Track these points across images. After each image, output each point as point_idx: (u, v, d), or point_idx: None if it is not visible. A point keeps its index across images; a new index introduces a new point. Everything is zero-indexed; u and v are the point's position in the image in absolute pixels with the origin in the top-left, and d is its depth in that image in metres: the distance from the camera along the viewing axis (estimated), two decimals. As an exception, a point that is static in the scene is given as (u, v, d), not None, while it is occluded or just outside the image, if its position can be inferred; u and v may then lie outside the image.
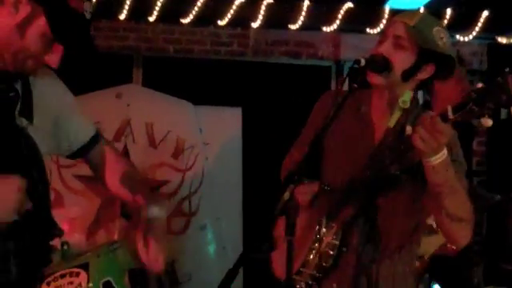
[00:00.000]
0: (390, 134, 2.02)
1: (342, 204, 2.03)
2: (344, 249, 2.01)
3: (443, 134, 1.70)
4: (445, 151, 1.77)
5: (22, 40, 1.68)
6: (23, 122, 1.75)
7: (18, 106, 1.75)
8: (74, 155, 2.02)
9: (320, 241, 2.00)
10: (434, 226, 2.51)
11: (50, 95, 1.88)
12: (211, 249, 4.42)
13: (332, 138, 2.05)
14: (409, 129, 1.75)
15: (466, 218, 1.91)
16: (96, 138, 2.04)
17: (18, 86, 1.77)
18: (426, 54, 1.97)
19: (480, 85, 1.63)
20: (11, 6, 1.66)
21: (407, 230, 2.06)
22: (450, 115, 1.66)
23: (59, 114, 1.91)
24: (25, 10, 1.67)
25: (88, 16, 1.74)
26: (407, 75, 1.99)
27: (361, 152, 2.05)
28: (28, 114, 1.77)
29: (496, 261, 3.77)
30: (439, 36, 1.97)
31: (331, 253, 2.00)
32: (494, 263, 3.73)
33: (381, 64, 1.96)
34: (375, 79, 2.00)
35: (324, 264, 2.00)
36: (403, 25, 1.98)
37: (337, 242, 1.99)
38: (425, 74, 2.01)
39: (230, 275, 1.62)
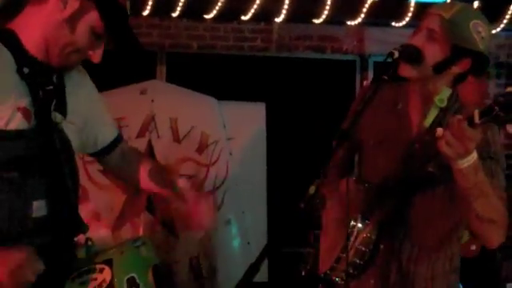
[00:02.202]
0: (427, 131, 1.96)
1: (378, 201, 1.99)
2: (381, 246, 1.99)
3: (471, 141, 1.64)
4: (474, 154, 1.71)
5: (71, 34, 1.70)
6: (57, 116, 1.76)
7: (53, 101, 1.76)
8: (95, 154, 2.05)
9: (355, 237, 1.96)
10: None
11: (82, 93, 1.90)
12: (236, 243, 4.42)
13: (369, 133, 2.03)
14: (440, 131, 1.69)
15: (497, 220, 1.85)
16: (119, 139, 2.07)
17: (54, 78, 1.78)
18: (460, 49, 1.91)
19: (510, 89, 1.56)
20: (59, 2, 1.69)
21: (445, 229, 2.02)
22: (477, 120, 1.60)
23: (90, 113, 1.93)
24: (73, 4, 1.69)
25: (128, 12, 1.79)
26: (440, 68, 1.93)
27: (398, 149, 2.01)
28: (62, 109, 1.79)
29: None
30: (476, 30, 1.91)
31: (366, 250, 1.96)
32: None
33: (413, 54, 1.91)
34: (407, 71, 1.94)
35: (358, 261, 1.97)
36: (438, 18, 1.92)
37: (373, 238, 1.96)
38: (459, 68, 1.95)
39: (254, 267, 1.61)
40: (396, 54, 1.87)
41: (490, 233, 1.89)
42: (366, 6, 4.72)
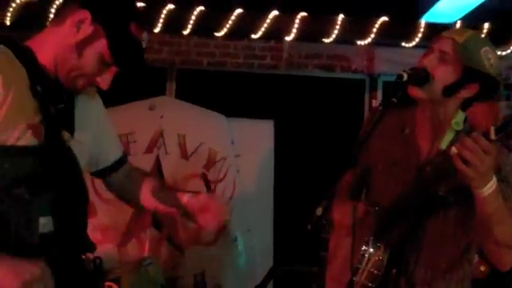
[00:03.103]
0: (438, 155, 1.97)
1: (390, 224, 1.98)
2: (394, 270, 1.97)
3: (488, 154, 1.64)
4: (494, 179, 1.72)
5: (78, 59, 1.71)
6: (65, 135, 1.77)
7: (63, 119, 1.77)
8: (96, 173, 2.07)
9: (367, 260, 1.95)
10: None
11: (91, 110, 1.91)
12: (241, 261, 4.40)
13: (378, 158, 2.04)
14: (454, 150, 1.68)
15: None
16: (122, 160, 2.08)
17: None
18: (471, 72, 1.92)
19: None
20: (73, 26, 1.71)
21: (457, 252, 2.01)
22: (493, 136, 1.61)
23: (98, 131, 1.94)
24: (86, 30, 1.70)
25: (144, 45, 1.78)
26: (449, 91, 1.94)
27: (408, 173, 2.01)
28: (70, 127, 1.80)
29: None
30: (487, 57, 1.93)
31: (378, 273, 1.95)
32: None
33: (422, 77, 1.92)
34: (416, 92, 1.95)
35: (370, 284, 1.95)
36: (451, 41, 1.94)
37: (384, 262, 1.94)
38: (468, 92, 1.96)
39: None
40: (405, 77, 1.87)
41: (506, 257, 1.90)
42: (376, 26, 4.74)
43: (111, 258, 3.59)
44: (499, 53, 4.85)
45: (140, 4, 4.48)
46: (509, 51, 4.87)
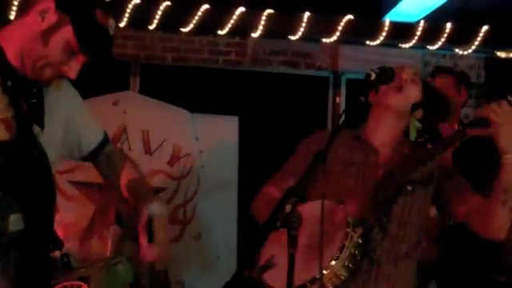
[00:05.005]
0: (397, 153, 2.14)
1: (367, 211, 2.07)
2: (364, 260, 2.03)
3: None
4: None
5: (44, 48, 1.69)
6: (35, 128, 1.74)
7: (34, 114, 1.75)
8: (84, 159, 2.02)
9: (349, 240, 1.98)
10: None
11: (61, 100, 1.88)
12: (205, 257, 4.39)
13: (335, 160, 2.13)
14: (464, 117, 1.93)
15: None
16: (104, 143, 2.04)
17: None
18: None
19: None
20: (37, 14, 1.68)
21: (415, 238, 2.15)
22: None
23: (69, 118, 1.91)
24: (51, 18, 1.68)
25: (111, 32, 1.77)
26: (415, 108, 2.15)
27: (368, 172, 2.14)
28: (40, 120, 1.77)
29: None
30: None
31: (358, 256, 1.99)
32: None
33: (389, 76, 1.98)
34: (392, 100, 2.13)
35: (351, 266, 1.97)
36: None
37: (357, 253, 1.98)
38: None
39: None
40: (373, 76, 1.92)
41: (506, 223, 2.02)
42: (342, 24, 4.77)
43: (72, 254, 3.55)
44: (461, 52, 4.96)
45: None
46: (470, 51, 4.96)
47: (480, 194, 2.08)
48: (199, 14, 4.61)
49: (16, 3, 4.19)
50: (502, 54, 5.06)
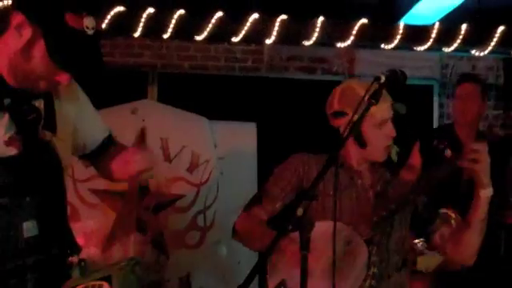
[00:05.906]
0: (374, 173, 2.29)
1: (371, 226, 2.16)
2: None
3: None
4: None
5: (27, 63, 1.65)
6: (47, 135, 1.75)
7: (42, 121, 1.75)
8: (87, 156, 2.04)
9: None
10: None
11: (69, 102, 1.89)
12: (226, 263, 4.41)
13: (325, 185, 2.19)
14: (448, 152, 1.97)
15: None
16: (110, 140, 2.08)
17: (40, 100, 1.77)
18: None
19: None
20: (15, 30, 1.64)
21: (407, 251, 2.26)
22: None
23: (77, 118, 1.93)
24: (27, 32, 1.63)
25: (90, 32, 1.66)
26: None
27: (362, 194, 2.25)
28: (51, 126, 1.78)
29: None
30: None
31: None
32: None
33: (399, 79, 2.00)
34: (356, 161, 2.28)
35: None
36: None
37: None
38: None
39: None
40: (383, 79, 1.96)
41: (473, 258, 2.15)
42: (356, 28, 4.77)
43: (94, 262, 3.59)
44: (477, 54, 4.93)
45: (120, 8, 4.47)
46: (486, 52, 4.93)
47: (451, 225, 2.21)
48: (213, 21, 4.64)
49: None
50: (519, 55, 5.03)
